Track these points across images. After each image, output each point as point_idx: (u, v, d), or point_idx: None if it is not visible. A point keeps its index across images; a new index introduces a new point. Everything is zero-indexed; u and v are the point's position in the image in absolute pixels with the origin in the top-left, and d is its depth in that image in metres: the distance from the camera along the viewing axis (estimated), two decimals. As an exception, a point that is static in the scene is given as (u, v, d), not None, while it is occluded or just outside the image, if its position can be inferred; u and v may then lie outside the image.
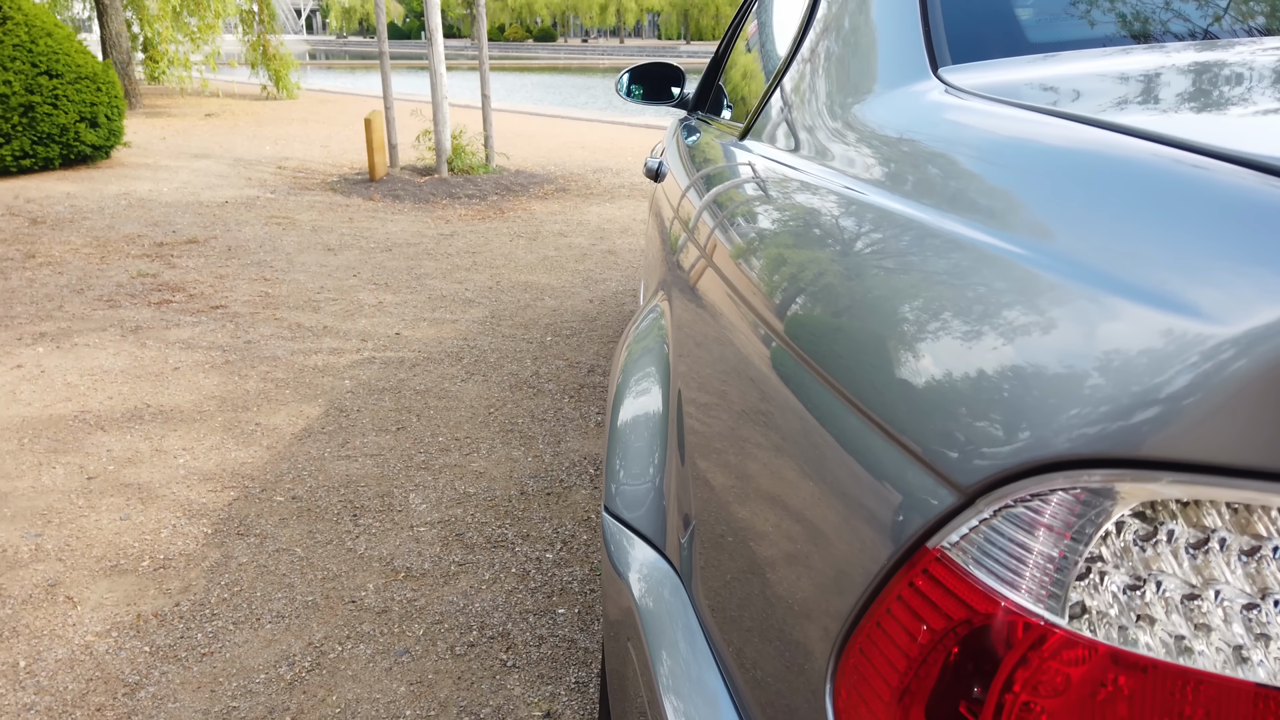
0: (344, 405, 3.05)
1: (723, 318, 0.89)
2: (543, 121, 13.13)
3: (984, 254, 0.53)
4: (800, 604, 0.59)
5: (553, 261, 5.15)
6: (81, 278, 4.47)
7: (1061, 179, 0.54)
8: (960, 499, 0.46)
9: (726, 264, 0.93)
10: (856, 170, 0.77)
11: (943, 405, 0.49)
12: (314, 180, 7.69)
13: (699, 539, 0.84)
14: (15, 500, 2.37)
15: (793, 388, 0.67)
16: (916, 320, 0.54)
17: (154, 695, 1.71)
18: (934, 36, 0.85)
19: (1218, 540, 0.40)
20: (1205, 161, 0.48)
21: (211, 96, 16.04)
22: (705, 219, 1.12)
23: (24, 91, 7.21)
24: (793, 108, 1.05)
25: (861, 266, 0.64)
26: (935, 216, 0.60)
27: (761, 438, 0.71)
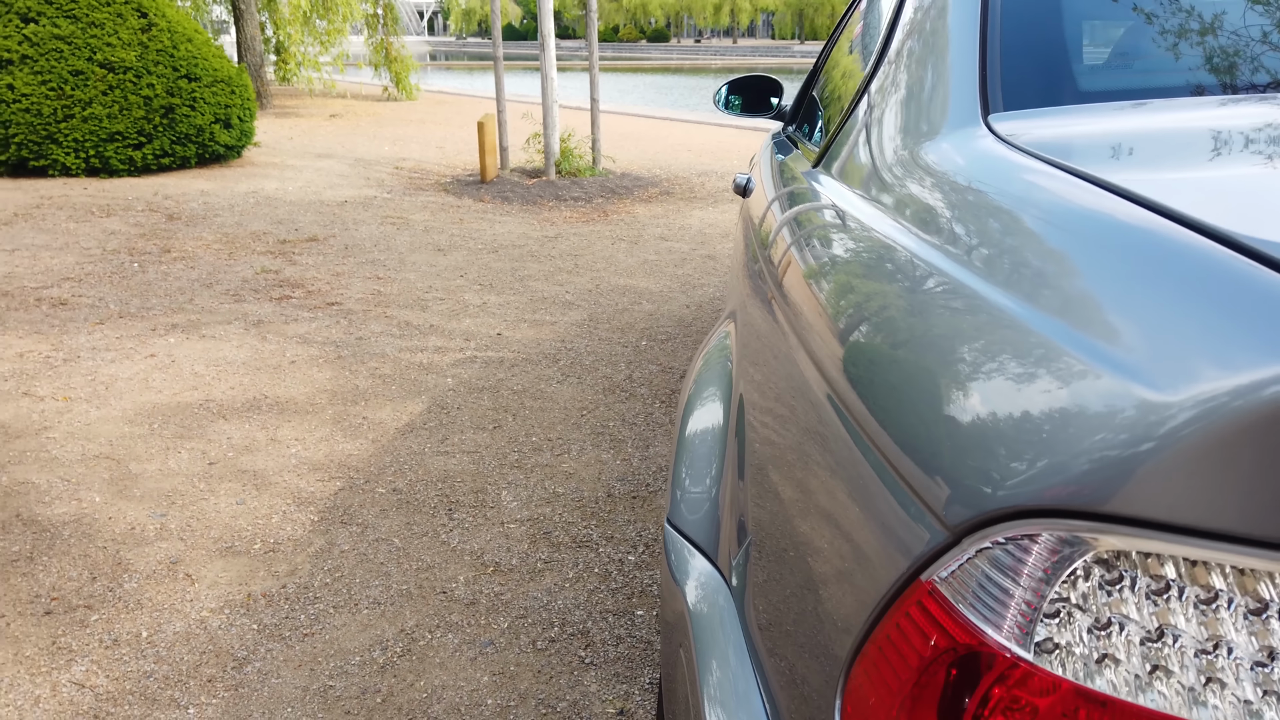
0: (445, 402, 3.19)
1: (774, 345, 0.93)
2: (650, 124, 13.24)
3: (987, 311, 0.56)
4: (817, 622, 0.64)
5: (652, 265, 5.22)
6: (211, 272, 4.77)
7: (1063, 244, 0.57)
8: (949, 537, 0.50)
9: (780, 293, 0.97)
10: (901, 217, 0.80)
11: (939, 449, 0.53)
12: (428, 181, 7.97)
13: (746, 555, 0.88)
14: (144, 482, 2.57)
15: (822, 420, 0.71)
16: (923, 367, 0.58)
17: (259, 670, 1.85)
18: (989, 81, 0.88)
19: (1176, 590, 0.43)
20: (1188, 237, 0.50)
21: (337, 97, 16.73)
22: (770, 245, 1.16)
23: (165, 94, 7.70)
24: (858, 144, 1.08)
25: (885, 311, 0.67)
26: (954, 270, 0.64)
27: (797, 465, 0.76)
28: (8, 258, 4.94)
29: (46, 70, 7.32)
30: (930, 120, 0.91)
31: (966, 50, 0.93)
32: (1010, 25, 0.91)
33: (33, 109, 7.23)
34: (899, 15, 1.17)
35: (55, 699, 1.73)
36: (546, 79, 7.69)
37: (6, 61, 7.31)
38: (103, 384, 3.25)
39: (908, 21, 1.12)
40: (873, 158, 1.00)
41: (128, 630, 1.95)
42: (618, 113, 14.88)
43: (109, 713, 1.71)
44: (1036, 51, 0.94)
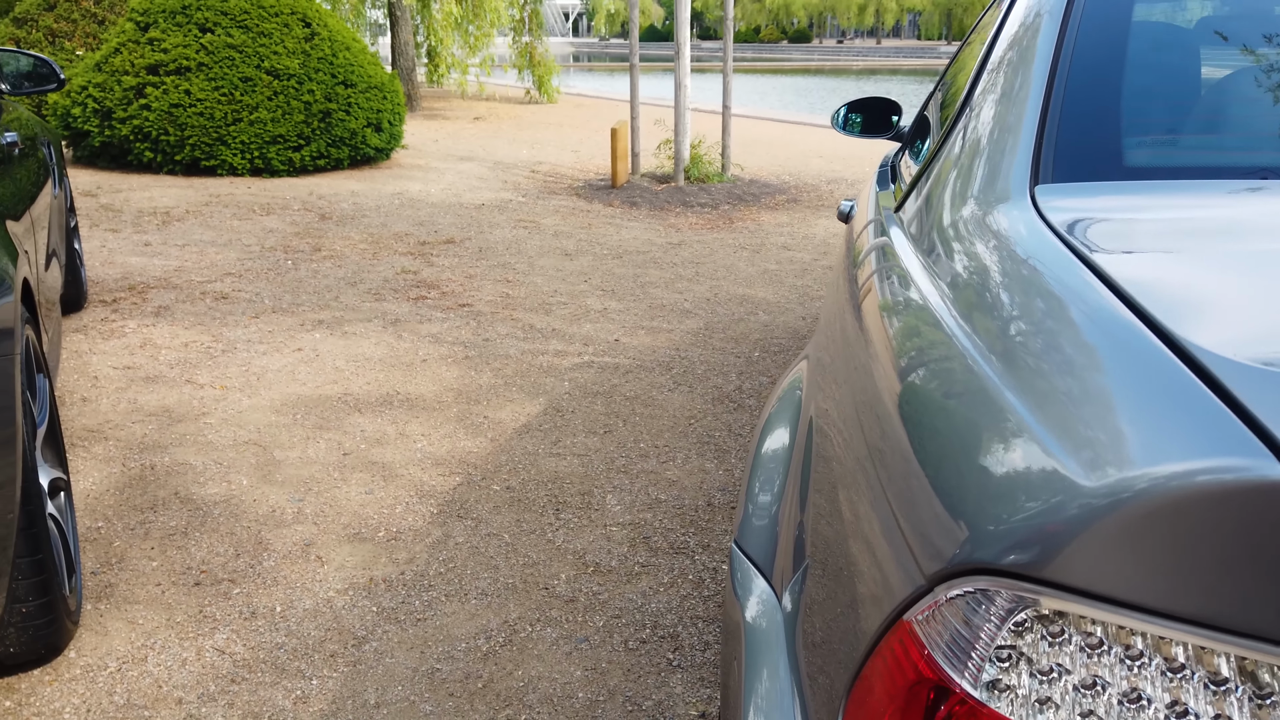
0: (561, 405, 3.34)
1: (833, 378, 1.01)
2: (784, 128, 13.20)
3: (979, 387, 0.63)
4: (832, 649, 0.72)
5: (772, 275, 5.27)
6: (356, 271, 5.10)
7: (1043, 333, 0.63)
8: (926, 585, 0.57)
9: (841, 331, 1.04)
10: (937, 281, 0.86)
11: (926, 505, 0.60)
12: (562, 185, 8.22)
13: (800, 580, 0.96)
14: (285, 469, 2.82)
15: (857, 461, 0.79)
16: (922, 429, 0.65)
17: (376, 649, 2.03)
18: (1044, 151, 0.92)
19: (1106, 647, 0.50)
20: (1139, 341, 0.56)
21: (482, 100, 17.35)
22: (848, 280, 1.23)
23: (323, 99, 8.21)
24: (929, 196, 1.14)
25: (905, 373, 0.74)
26: (961, 345, 0.70)
27: (838, 499, 0.83)
28: (179, 253, 5.41)
29: (219, 77, 7.93)
30: (985, 184, 0.97)
31: (1029, 117, 0.98)
32: (1073, 95, 0.95)
33: (206, 113, 7.85)
34: (981, 70, 1.22)
35: (199, 662, 1.95)
36: (680, 87, 7.82)
37: (185, 69, 7.96)
38: (255, 375, 3.55)
39: (985, 78, 1.17)
40: (934, 215, 1.06)
41: (264, 604, 2.16)
42: (751, 117, 14.88)
43: (244, 678, 1.92)
44: (1094, 124, 0.98)
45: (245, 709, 1.83)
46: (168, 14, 8.16)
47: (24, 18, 11.06)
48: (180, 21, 8.12)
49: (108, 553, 2.33)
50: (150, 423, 3.10)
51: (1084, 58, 0.97)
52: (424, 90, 17.81)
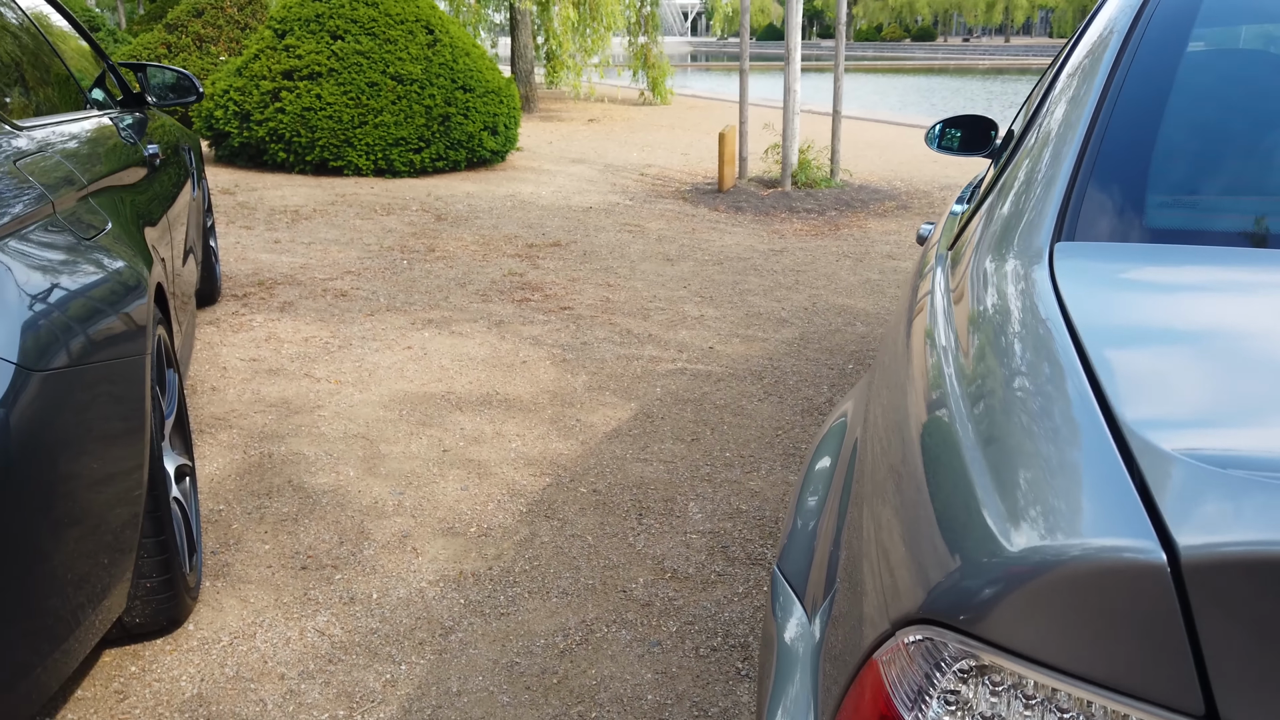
0: (651, 411, 3.43)
1: (871, 412, 1.05)
2: (897, 131, 12.97)
3: (953, 446, 0.68)
4: (831, 676, 0.78)
5: (874, 285, 5.23)
6: (466, 272, 5.30)
7: (1011, 402, 0.67)
8: (890, 628, 0.63)
9: (885, 364, 1.09)
10: (950, 333, 0.90)
11: (899, 549, 0.66)
12: (669, 188, 8.31)
13: (823, 608, 1.02)
14: (389, 462, 2.99)
15: (871, 501, 0.84)
16: (904, 474, 0.71)
17: (460, 640, 2.15)
18: (1070, 206, 0.95)
19: (1039, 697, 0.55)
20: (1086, 419, 0.60)
21: (596, 101, 17.61)
22: (898, 316, 1.27)
23: (443, 104, 8.52)
24: (968, 239, 1.17)
25: (905, 418, 0.79)
26: (952, 395, 0.75)
27: (854, 531, 0.89)
28: (305, 250, 5.73)
29: (348, 82, 8.33)
30: (1012, 235, 1.00)
31: (1064, 168, 1.00)
32: (1108, 149, 0.97)
33: (335, 116, 8.25)
34: (1036, 111, 1.24)
35: (301, 641, 2.12)
36: (789, 91, 7.80)
37: (317, 74, 8.38)
38: (367, 371, 3.76)
39: (1037, 121, 1.19)
40: (965, 260, 1.09)
41: (362, 591, 2.32)
42: (864, 119, 14.66)
43: (340, 659, 2.07)
44: (1122, 181, 1.00)
45: (340, 688, 1.98)
46: (303, 22, 8.61)
47: (175, 24, 11.82)
48: (314, 29, 8.55)
49: (226, 534, 2.54)
50: (270, 413, 3.33)
51: (1125, 109, 0.99)
52: (541, 92, 18.19)
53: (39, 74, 2.41)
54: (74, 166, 2.03)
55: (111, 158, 2.40)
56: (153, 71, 3.54)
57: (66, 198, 1.85)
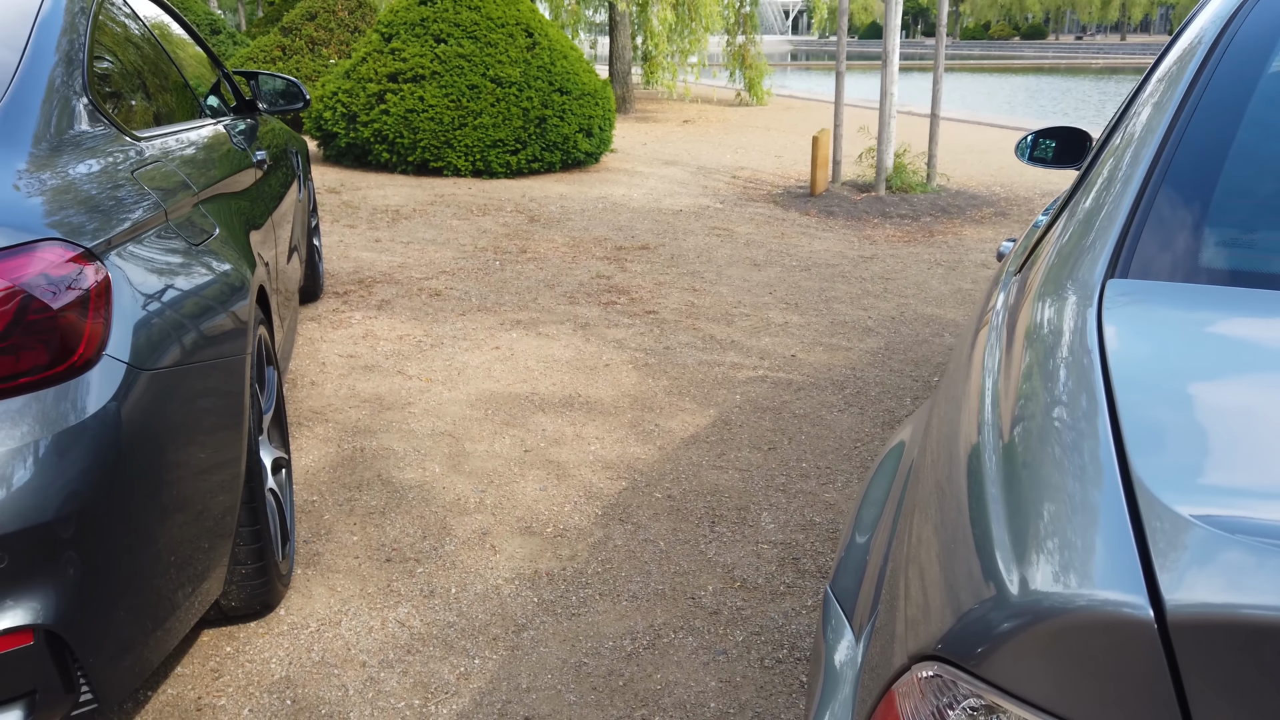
0: (730, 418, 3.46)
1: (933, 424, 1.07)
2: (1000, 134, 12.63)
3: (977, 475, 0.70)
4: (860, 703, 0.80)
5: (965, 295, 5.14)
6: (555, 274, 5.41)
7: (1046, 437, 0.69)
8: (906, 661, 0.66)
9: (948, 377, 1.10)
10: (995, 361, 0.91)
11: (920, 583, 0.68)
12: (760, 191, 8.29)
13: (866, 633, 1.04)
14: (473, 460, 3.09)
15: (911, 530, 0.86)
16: (936, 505, 0.73)
17: (532, 638, 2.23)
18: (1126, 240, 0.95)
19: None
20: (1108, 471, 0.61)
21: (692, 102, 17.64)
22: (966, 335, 1.27)
23: (540, 106, 8.68)
24: (1032, 265, 1.16)
25: (950, 446, 0.81)
26: (987, 428, 0.77)
27: (896, 559, 0.91)
28: (404, 249, 5.93)
29: (450, 84, 8.56)
30: (1069, 267, 1.00)
31: (1126, 201, 1.00)
32: (1170, 183, 0.96)
33: (437, 118, 8.49)
34: (1110, 135, 1.23)
35: (382, 631, 2.22)
36: (885, 95, 7.70)
37: (420, 76, 8.64)
38: (456, 369, 3.88)
39: (1110, 146, 1.19)
40: (1025, 287, 1.09)
41: (441, 585, 2.41)
42: (964, 121, 14.32)
43: (418, 650, 2.16)
44: (1180, 217, 0.99)
45: (416, 678, 2.07)
46: (408, 26, 8.88)
47: (289, 27, 12.33)
48: (419, 33, 8.82)
49: (318, 524, 2.67)
50: (364, 408, 3.47)
51: (1195, 136, 0.98)
52: (638, 92, 18.31)
53: (159, 84, 2.57)
54: (187, 175, 2.17)
55: (223, 164, 2.55)
56: (264, 79, 3.72)
57: (179, 205, 1.99)
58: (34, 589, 1.35)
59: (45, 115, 1.73)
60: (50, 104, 1.76)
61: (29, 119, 1.68)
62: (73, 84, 1.88)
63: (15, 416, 1.35)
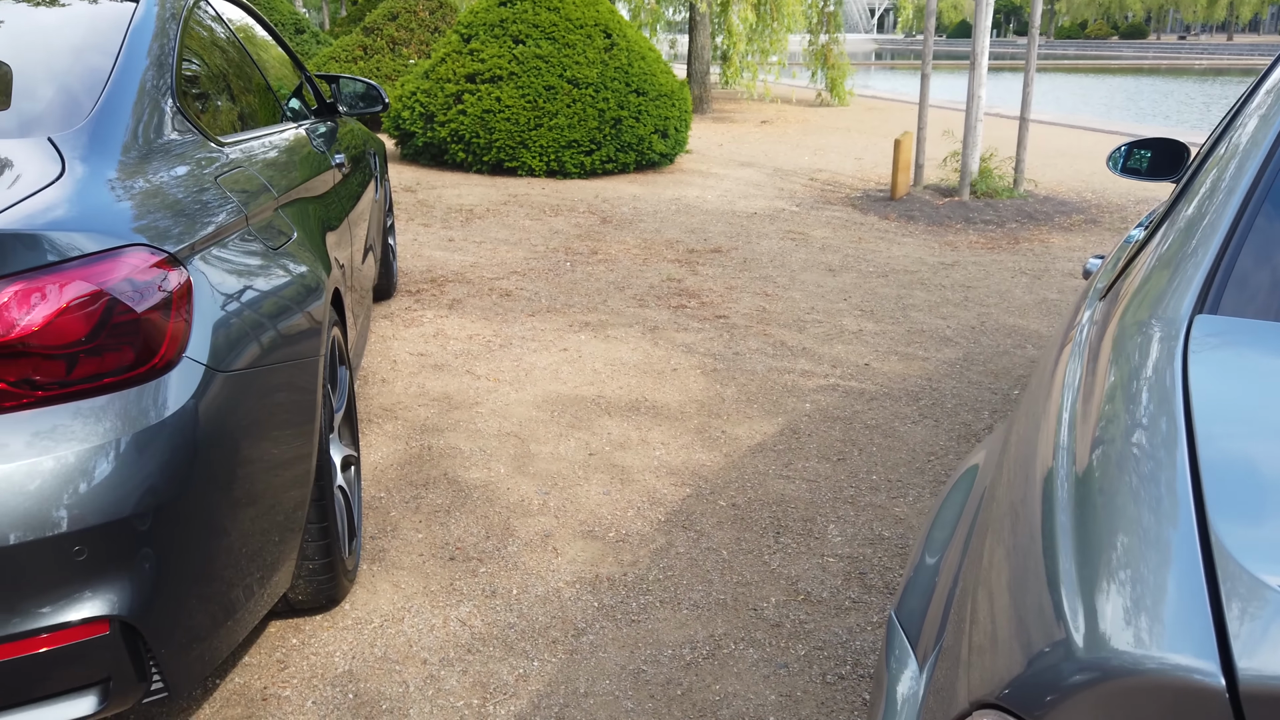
0: (798, 427, 3.41)
1: (1012, 440, 1.02)
2: (1093, 138, 12.24)
3: (1049, 516, 0.67)
4: None
5: (1051, 305, 4.99)
6: (625, 276, 5.42)
7: (1122, 483, 0.65)
8: (967, 707, 0.63)
9: (1029, 393, 1.06)
10: (1073, 390, 0.87)
11: (987, 625, 0.65)
12: (838, 194, 8.18)
13: (930, 663, 1.01)
14: (538, 462, 3.11)
15: (980, 563, 0.83)
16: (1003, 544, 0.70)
17: (591, 643, 2.22)
18: (1217, 275, 0.90)
19: None
20: (1184, 525, 0.57)
21: (771, 102, 17.50)
22: (1048, 357, 1.22)
23: (616, 107, 8.71)
24: (1128, 292, 1.11)
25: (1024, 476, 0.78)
26: (1062, 464, 0.73)
27: (964, 590, 0.88)
28: (476, 249, 6.00)
29: (526, 85, 8.64)
30: (1156, 298, 0.95)
31: (1218, 233, 0.95)
32: (1265, 217, 0.90)
33: (513, 118, 8.58)
34: (1205, 159, 1.17)
35: (444, 630, 2.24)
36: (972, 97, 7.53)
37: (498, 77, 8.74)
38: (524, 370, 3.91)
39: (1204, 172, 1.13)
40: (1109, 315, 1.04)
41: (503, 586, 2.43)
42: (1056, 123, 13.92)
43: (478, 650, 2.18)
44: (1272, 253, 0.93)
45: (475, 678, 2.08)
46: (487, 27, 8.99)
47: (371, 27, 12.60)
48: (497, 34, 8.92)
49: (385, 521, 2.71)
50: (433, 407, 3.52)
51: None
52: (715, 92, 18.24)
53: (242, 87, 2.64)
54: (267, 179, 2.22)
55: (303, 168, 2.61)
56: (345, 82, 3.80)
57: (259, 210, 2.04)
58: (110, 581, 1.39)
59: (135, 123, 1.79)
60: (140, 112, 1.82)
61: (120, 127, 1.74)
62: (161, 91, 1.94)
63: (98, 415, 1.40)
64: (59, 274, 1.39)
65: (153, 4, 2.16)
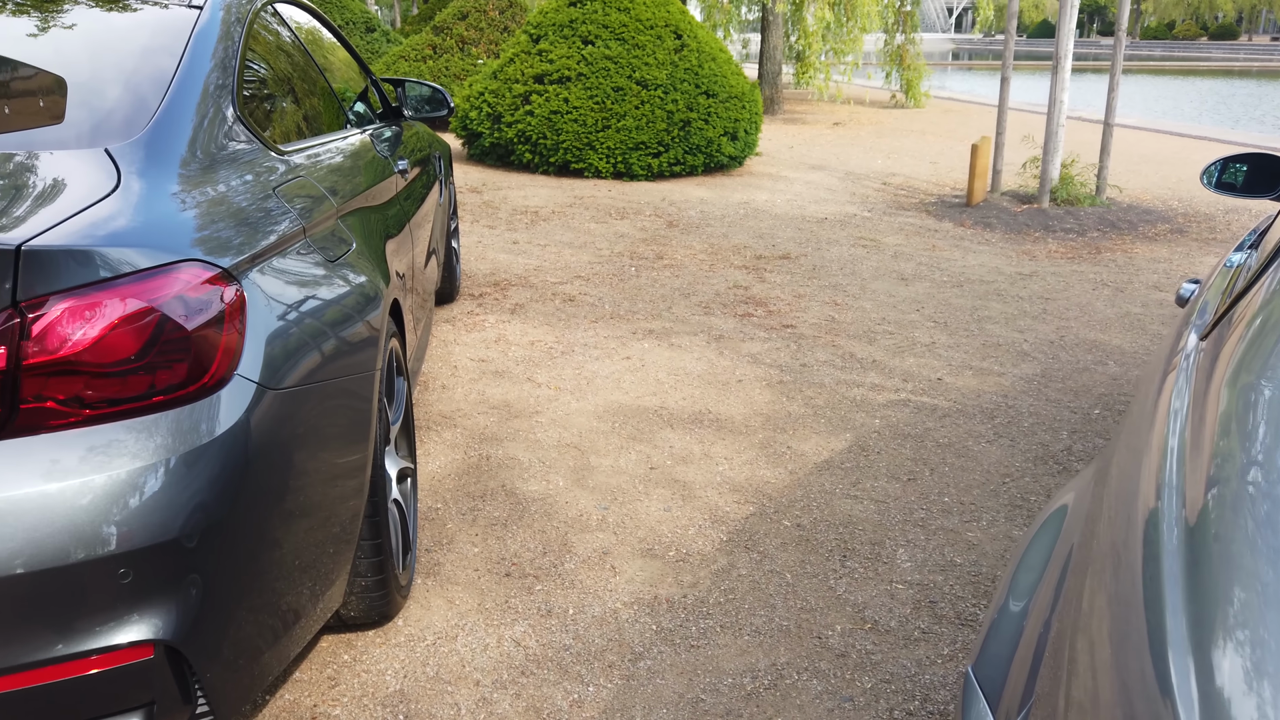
0: (867, 444, 3.29)
1: (1108, 492, 0.92)
2: (1180, 143, 11.77)
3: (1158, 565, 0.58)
4: None
5: (1134, 320, 4.76)
6: (691, 282, 5.33)
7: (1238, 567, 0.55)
8: None
9: (1122, 450, 0.96)
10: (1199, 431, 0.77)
11: (1086, 670, 0.56)
12: (912, 200, 7.98)
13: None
14: (597, 475, 3.04)
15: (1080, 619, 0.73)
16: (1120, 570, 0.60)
17: (649, 668, 2.15)
18: None
19: None
20: None
21: (844, 104, 17.23)
22: (1146, 398, 1.11)
23: (685, 109, 8.62)
24: (1243, 332, 1.00)
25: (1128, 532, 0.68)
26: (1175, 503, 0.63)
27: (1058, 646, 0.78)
28: (540, 252, 5.98)
29: (595, 86, 8.61)
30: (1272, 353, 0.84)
31: None
32: None
33: (580, 119, 8.55)
34: None
35: (498, 649, 2.19)
36: (1055, 102, 7.27)
37: (566, 78, 8.72)
38: (585, 379, 3.85)
39: None
40: (1233, 352, 0.93)
41: (559, 605, 2.37)
42: (1141, 128, 13.43)
43: (532, 672, 2.12)
44: None
45: (529, 702, 2.02)
46: (557, 27, 8.98)
47: (441, 26, 12.71)
48: (566, 34, 8.90)
49: (441, 533, 2.67)
50: (492, 415, 3.48)
51: None
52: (787, 93, 18.04)
53: (306, 93, 2.62)
54: (328, 188, 2.19)
55: (365, 175, 2.58)
56: (410, 86, 3.79)
57: (318, 221, 2.00)
58: (156, 604, 1.36)
59: (193, 133, 1.76)
60: (199, 121, 1.79)
61: (178, 138, 1.71)
62: (222, 99, 1.91)
63: (146, 434, 1.37)
64: (110, 290, 1.36)
65: (218, 9, 2.14)
